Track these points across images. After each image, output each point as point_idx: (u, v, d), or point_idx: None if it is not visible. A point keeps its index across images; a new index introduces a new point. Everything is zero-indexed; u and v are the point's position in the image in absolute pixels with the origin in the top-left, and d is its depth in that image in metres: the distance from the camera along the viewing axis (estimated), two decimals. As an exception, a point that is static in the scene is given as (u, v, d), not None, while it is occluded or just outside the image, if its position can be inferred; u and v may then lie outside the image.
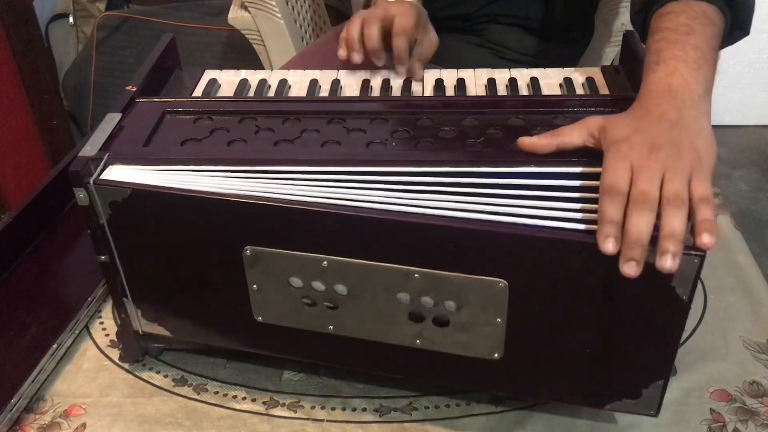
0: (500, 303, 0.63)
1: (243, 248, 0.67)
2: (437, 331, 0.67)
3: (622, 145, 0.60)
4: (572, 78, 0.86)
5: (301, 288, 0.68)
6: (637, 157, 0.59)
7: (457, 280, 0.63)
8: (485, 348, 0.66)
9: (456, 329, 0.66)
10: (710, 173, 0.59)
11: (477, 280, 0.62)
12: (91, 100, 1.98)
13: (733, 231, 0.94)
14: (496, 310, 0.64)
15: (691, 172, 0.58)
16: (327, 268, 0.66)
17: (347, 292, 0.67)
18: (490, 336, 0.65)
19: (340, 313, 0.68)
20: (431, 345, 0.68)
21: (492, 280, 0.62)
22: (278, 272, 0.67)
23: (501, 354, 0.66)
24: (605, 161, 0.60)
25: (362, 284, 0.66)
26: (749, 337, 0.80)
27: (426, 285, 0.64)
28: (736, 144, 2.12)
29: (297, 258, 0.66)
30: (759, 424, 0.71)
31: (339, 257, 0.65)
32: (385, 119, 0.76)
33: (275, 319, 0.71)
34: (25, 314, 0.85)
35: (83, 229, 0.72)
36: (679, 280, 0.58)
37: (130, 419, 0.75)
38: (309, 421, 0.74)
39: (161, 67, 0.89)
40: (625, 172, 0.58)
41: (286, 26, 1.39)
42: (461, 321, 0.65)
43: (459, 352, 0.67)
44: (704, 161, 0.59)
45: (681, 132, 0.61)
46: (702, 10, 0.70)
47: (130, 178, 0.68)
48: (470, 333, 0.66)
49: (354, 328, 0.69)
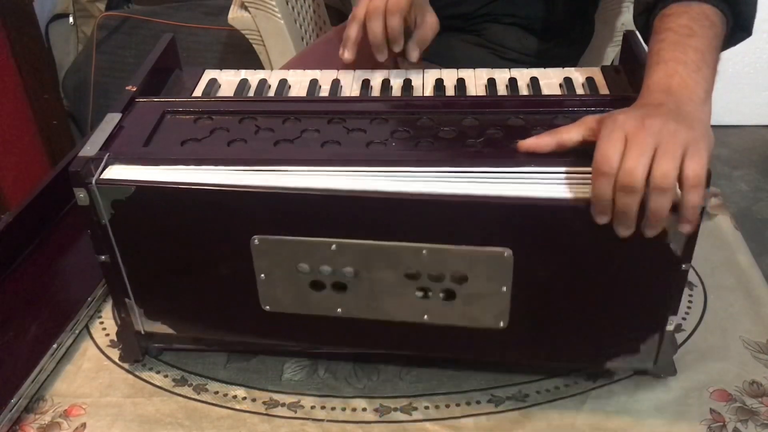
0: (506, 271, 0.65)
1: (251, 238, 0.67)
2: (445, 305, 0.68)
3: (618, 117, 0.61)
4: (572, 78, 0.86)
5: (309, 273, 0.69)
6: (632, 126, 0.60)
7: (465, 253, 0.65)
8: (491, 317, 0.68)
9: (463, 301, 0.68)
10: (707, 152, 0.60)
11: (484, 251, 0.64)
12: (91, 100, 1.98)
13: (733, 231, 0.94)
14: (501, 279, 0.66)
15: (686, 147, 0.58)
16: (336, 251, 0.67)
17: (356, 273, 0.68)
18: (496, 305, 0.67)
19: (348, 296, 0.70)
20: (439, 319, 0.69)
21: (498, 249, 0.64)
22: (287, 259, 0.68)
23: (506, 322, 0.68)
24: (601, 132, 0.61)
25: (371, 264, 0.67)
26: (749, 337, 0.80)
27: (434, 260, 0.66)
28: (736, 144, 2.12)
29: (306, 243, 0.67)
30: (759, 424, 0.71)
31: (347, 240, 0.66)
32: (385, 119, 0.76)
33: (283, 306, 0.72)
34: (25, 314, 0.85)
35: (83, 229, 0.72)
36: (672, 237, 0.62)
37: (130, 419, 0.75)
38: (309, 421, 0.74)
39: (161, 67, 0.89)
40: (617, 143, 0.59)
41: (286, 26, 1.39)
42: (469, 293, 0.67)
43: (466, 323, 0.69)
44: (700, 140, 0.59)
45: (678, 116, 0.61)
46: (703, 12, 0.70)
47: (131, 176, 0.68)
48: (477, 304, 0.68)
49: (363, 309, 0.70)
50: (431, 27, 0.93)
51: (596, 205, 0.60)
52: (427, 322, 0.70)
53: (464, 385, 0.77)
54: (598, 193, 0.60)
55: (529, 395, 0.75)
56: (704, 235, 0.69)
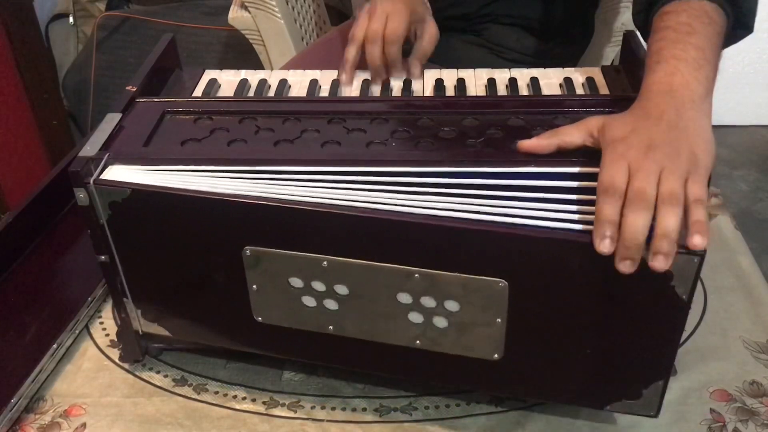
0: (500, 303, 0.63)
1: (243, 248, 0.67)
2: (437, 332, 0.67)
3: (619, 145, 0.60)
4: (572, 78, 0.86)
5: (301, 288, 0.68)
6: (635, 156, 0.58)
7: (458, 281, 0.63)
8: (485, 348, 0.66)
9: (456, 330, 0.66)
10: (707, 175, 0.59)
11: (477, 280, 0.62)
12: (91, 100, 1.98)
13: (733, 231, 0.94)
14: (496, 311, 0.64)
15: (688, 172, 0.58)
16: (327, 268, 0.66)
17: (347, 292, 0.67)
18: (490, 336, 0.65)
19: (340, 314, 0.68)
20: (431, 345, 0.68)
21: (492, 280, 0.62)
22: (278, 273, 0.67)
23: (501, 354, 0.66)
24: (603, 160, 0.60)
25: (362, 284, 0.66)
26: (749, 337, 0.80)
27: (426, 285, 0.64)
28: (736, 144, 2.12)
29: (297, 258, 0.66)
30: (759, 424, 0.71)
31: (339, 257, 0.65)
32: (385, 119, 0.76)
33: (275, 319, 0.71)
34: (25, 314, 0.85)
35: (83, 229, 0.72)
36: (678, 280, 0.58)
37: (130, 419, 0.75)
38: (309, 421, 0.74)
39: (161, 67, 0.88)
40: (622, 171, 0.58)
41: (286, 26, 1.39)
42: (461, 321, 0.65)
43: (459, 352, 0.67)
44: (701, 163, 0.59)
45: (679, 133, 0.60)
46: (703, 9, 0.70)
47: (129, 178, 0.68)
48: (470, 333, 0.66)
49: (354, 328, 0.69)
50: (431, 40, 0.94)
51: (601, 228, 0.56)
52: (420, 348, 0.68)
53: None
54: (604, 213, 0.57)
55: (529, 395, 0.75)
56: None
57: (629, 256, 0.56)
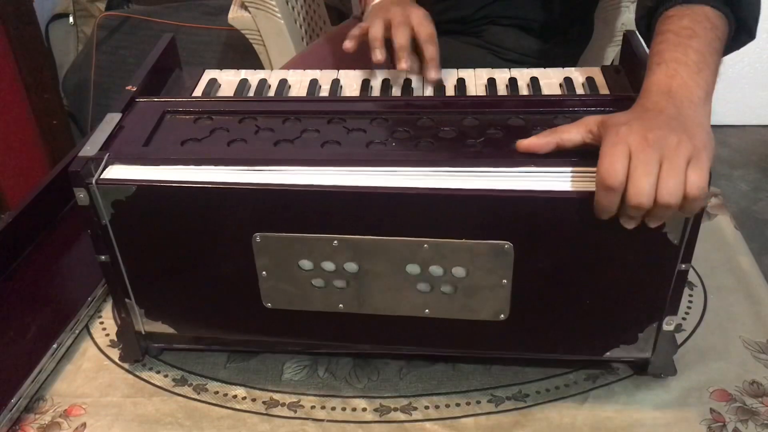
0: (506, 264, 0.66)
1: (252, 236, 0.67)
2: (446, 299, 0.69)
3: (621, 128, 0.61)
4: (572, 78, 0.86)
5: (311, 270, 0.69)
6: (635, 140, 0.59)
7: (465, 246, 0.65)
8: (492, 310, 0.69)
9: (464, 294, 0.68)
10: (708, 162, 0.60)
11: (484, 245, 0.65)
12: (91, 100, 1.98)
13: (733, 231, 0.94)
14: (502, 272, 0.66)
15: (689, 158, 0.58)
16: (337, 247, 0.67)
17: (358, 269, 0.68)
18: (496, 298, 0.68)
19: (350, 291, 0.70)
20: (440, 313, 0.70)
21: (498, 242, 0.65)
22: (288, 256, 0.69)
23: (507, 315, 0.69)
24: (603, 144, 0.61)
25: (373, 259, 0.67)
26: (749, 337, 0.80)
27: (435, 254, 0.66)
28: (736, 144, 2.12)
29: (307, 240, 0.67)
30: (759, 424, 0.71)
31: (349, 235, 0.66)
32: (385, 119, 0.76)
33: (285, 303, 0.72)
34: (25, 314, 0.85)
35: (83, 229, 0.72)
36: (670, 227, 0.63)
37: (130, 419, 0.75)
38: (309, 421, 0.74)
39: (161, 67, 0.89)
40: (621, 158, 0.59)
41: (286, 26, 1.39)
42: (470, 285, 0.68)
43: (467, 316, 0.70)
44: (702, 150, 0.59)
45: (679, 123, 0.61)
46: (705, 14, 0.70)
47: (131, 176, 0.68)
48: (478, 297, 0.68)
49: (364, 304, 0.70)
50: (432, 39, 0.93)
51: (601, 215, 0.61)
52: (428, 317, 0.70)
53: (464, 385, 0.77)
54: (603, 205, 0.60)
55: (529, 395, 0.75)
56: (704, 235, 0.69)
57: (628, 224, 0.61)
